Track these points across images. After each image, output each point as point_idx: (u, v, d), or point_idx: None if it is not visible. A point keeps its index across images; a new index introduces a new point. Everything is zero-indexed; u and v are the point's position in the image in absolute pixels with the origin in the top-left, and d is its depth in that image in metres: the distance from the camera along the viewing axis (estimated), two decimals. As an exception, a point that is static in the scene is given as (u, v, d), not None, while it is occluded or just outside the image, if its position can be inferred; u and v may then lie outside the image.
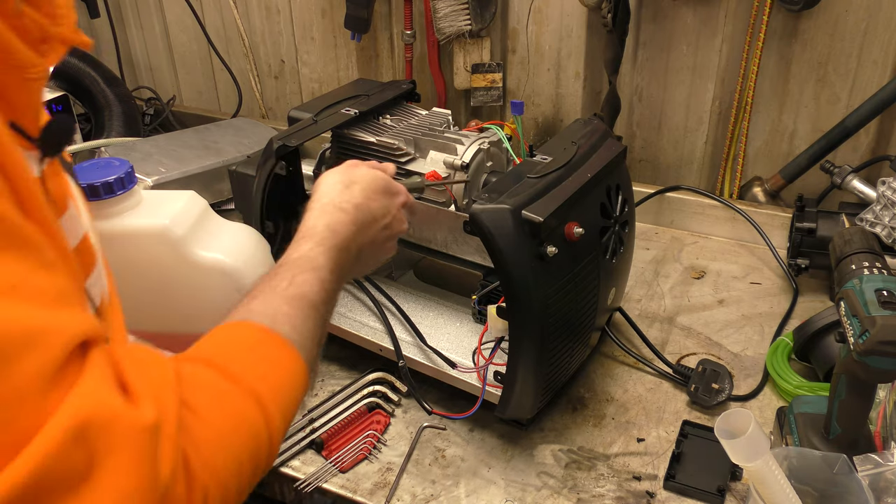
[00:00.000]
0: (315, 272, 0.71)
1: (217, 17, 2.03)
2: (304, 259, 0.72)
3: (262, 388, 0.58)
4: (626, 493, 0.97)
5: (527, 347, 0.94)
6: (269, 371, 0.60)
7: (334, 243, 0.76)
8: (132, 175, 1.05)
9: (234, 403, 0.56)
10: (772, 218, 1.46)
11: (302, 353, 0.64)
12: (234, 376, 0.57)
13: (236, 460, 0.54)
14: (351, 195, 0.83)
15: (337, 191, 0.83)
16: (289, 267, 0.71)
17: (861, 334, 0.81)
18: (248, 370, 0.58)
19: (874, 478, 0.81)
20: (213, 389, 0.55)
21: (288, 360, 0.62)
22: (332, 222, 0.78)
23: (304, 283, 0.69)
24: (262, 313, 0.64)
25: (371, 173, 0.87)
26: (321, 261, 0.73)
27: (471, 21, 1.60)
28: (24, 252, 0.44)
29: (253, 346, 0.61)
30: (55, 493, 0.41)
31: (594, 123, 1.11)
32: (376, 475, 1.01)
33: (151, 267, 1.03)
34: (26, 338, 0.42)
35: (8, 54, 0.50)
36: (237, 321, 0.63)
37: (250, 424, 0.56)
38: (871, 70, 1.40)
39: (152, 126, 1.99)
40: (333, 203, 0.81)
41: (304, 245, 0.74)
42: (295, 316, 0.65)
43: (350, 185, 0.84)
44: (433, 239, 1.12)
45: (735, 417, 0.77)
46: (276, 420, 0.58)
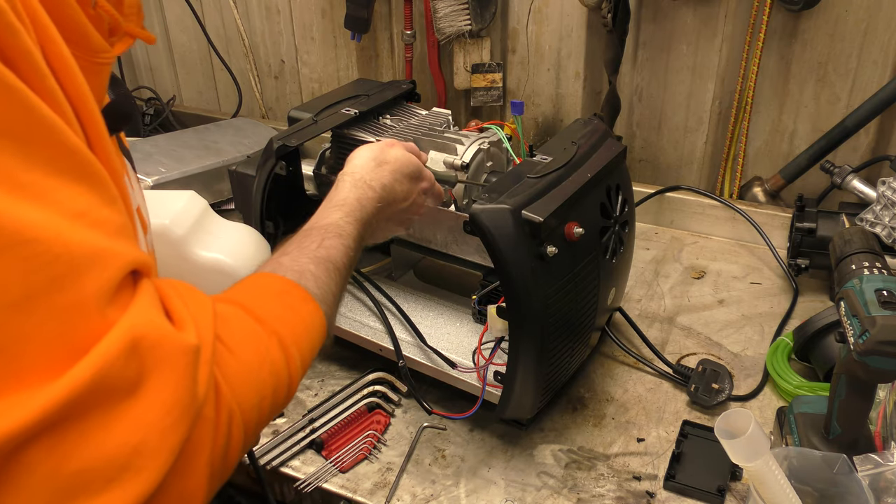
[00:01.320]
0: (342, 239, 0.77)
1: (217, 17, 2.03)
2: (334, 226, 0.79)
3: (285, 332, 0.62)
4: (626, 493, 0.97)
5: (527, 347, 0.94)
6: (292, 318, 0.65)
7: (360, 216, 0.83)
8: (132, 175, 1.05)
9: (260, 342, 0.60)
10: (772, 218, 1.46)
11: (323, 306, 0.68)
12: (262, 319, 0.61)
13: (259, 393, 0.58)
14: (381, 174, 0.89)
15: (370, 168, 0.89)
16: (319, 231, 0.77)
17: (861, 334, 0.81)
18: (274, 315, 0.63)
19: (874, 478, 0.81)
20: (242, 328, 0.60)
21: (310, 311, 0.67)
22: (362, 197, 0.85)
23: (332, 247, 0.75)
24: (291, 268, 0.70)
25: (404, 156, 0.93)
26: (349, 230, 0.80)
27: (471, 21, 1.60)
28: (93, 184, 0.48)
29: (279, 295, 0.66)
30: (109, 399, 0.45)
31: (594, 123, 1.11)
32: (376, 475, 1.01)
33: (151, 267, 1.03)
34: (92, 257, 0.46)
35: (83, 38, 0.55)
36: (267, 272, 0.69)
37: (273, 362, 0.60)
38: (871, 70, 1.40)
39: (152, 126, 1.99)
40: (364, 179, 0.87)
41: (336, 213, 0.81)
42: (320, 275, 0.71)
43: (381, 164, 0.90)
44: (433, 239, 1.12)
45: (735, 417, 0.77)
46: (296, 362, 0.63)
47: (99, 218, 0.47)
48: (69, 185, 0.46)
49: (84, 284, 0.45)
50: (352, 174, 0.88)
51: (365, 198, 0.85)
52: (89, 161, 0.48)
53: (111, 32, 0.60)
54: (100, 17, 0.57)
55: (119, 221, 0.50)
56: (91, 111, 0.51)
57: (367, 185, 0.87)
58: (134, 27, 0.63)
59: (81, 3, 0.54)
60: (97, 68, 0.59)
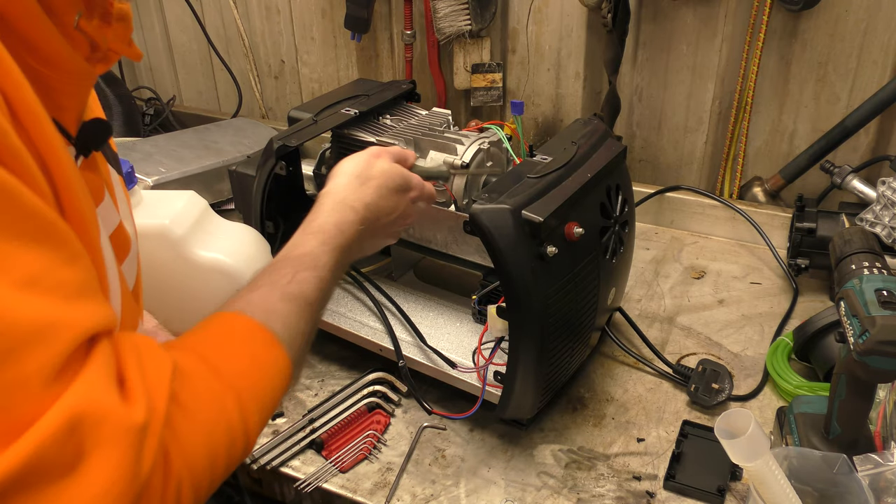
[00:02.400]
0: (316, 271, 0.73)
1: (217, 17, 2.03)
2: (309, 257, 0.75)
3: (245, 386, 0.60)
4: (626, 493, 0.97)
5: (527, 347, 0.94)
6: (255, 370, 0.62)
7: (339, 243, 0.79)
8: (132, 175, 1.05)
9: (217, 399, 0.58)
10: (772, 218, 1.46)
11: (289, 351, 0.66)
12: (221, 373, 0.59)
13: (212, 455, 0.56)
14: (364, 192, 0.85)
15: (352, 187, 0.85)
16: (293, 262, 0.73)
17: (861, 334, 0.81)
18: (236, 367, 0.61)
19: (874, 478, 0.81)
20: (199, 384, 0.57)
21: (274, 358, 0.64)
22: (341, 221, 0.81)
23: (305, 280, 0.71)
24: (259, 307, 0.66)
25: (390, 169, 0.89)
26: (324, 260, 0.75)
27: (471, 21, 1.60)
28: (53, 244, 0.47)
29: (243, 342, 0.64)
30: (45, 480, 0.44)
31: (594, 123, 1.11)
32: (376, 475, 1.01)
33: (151, 267, 1.03)
34: (37, 332, 0.44)
35: (60, 58, 0.54)
36: (234, 313, 0.66)
37: (229, 420, 0.58)
38: (871, 70, 1.40)
39: (152, 126, 1.99)
40: (346, 200, 0.83)
41: (312, 241, 0.77)
42: (289, 313, 0.68)
43: (365, 181, 0.86)
44: (433, 239, 1.12)
45: (735, 417, 0.77)
46: (254, 418, 0.60)
47: (56, 281, 0.46)
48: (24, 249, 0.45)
49: (27, 361, 0.43)
50: (333, 194, 0.84)
51: (345, 221, 0.81)
52: (48, 221, 0.47)
53: (93, 51, 0.59)
54: (80, 38, 0.56)
55: (80, 280, 0.48)
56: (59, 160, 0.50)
57: (348, 207, 0.82)
58: (120, 45, 0.61)
59: (60, 23, 0.53)
60: (75, 89, 0.58)
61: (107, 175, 0.69)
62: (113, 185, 0.71)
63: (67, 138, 0.58)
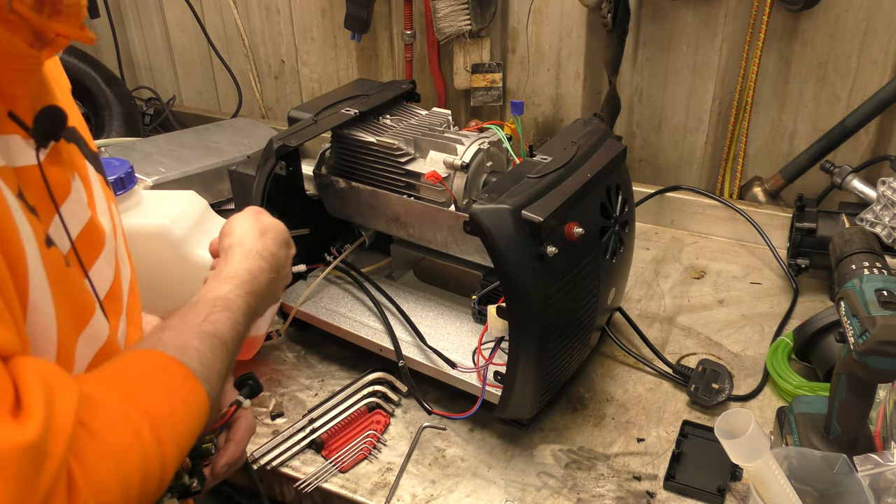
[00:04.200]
0: (230, 312, 0.73)
1: (217, 18, 2.03)
2: (222, 300, 0.74)
3: (160, 414, 0.59)
4: (626, 493, 0.97)
5: (527, 347, 0.94)
6: (170, 399, 0.61)
7: (252, 288, 0.79)
8: (132, 175, 1.05)
9: (129, 426, 0.56)
10: (772, 218, 1.46)
11: (206, 386, 0.65)
12: (134, 400, 0.58)
13: (123, 481, 0.54)
14: (266, 243, 0.85)
15: (255, 238, 0.85)
16: (206, 304, 0.73)
17: (861, 334, 0.81)
18: (150, 396, 0.60)
19: (874, 478, 0.81)
20: (111, 411, 0.56)
21: (191, 390, 0.64)
22: (254, 268, 0.81)
23: (219, 321, 0.71)
24: (173, 344, 0.65)
25: (277, 224, 0.90)
26: (238, 303, 0.75)
27: (471, 21, 1.60)
28: None
29: (158, 373, 0.63)
30: None
31: (594, 123, 1.11)
32: (376, 475, 1.01)
33: (151, 266, 1.03)
34: None
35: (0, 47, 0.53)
36: (146, 350, 0.65)
37: (143, 447, 0.56)
38: (871, 70, 1.40)
39: (152, 126, 1.99)
40: (255, 249, 0.83)
41: (225, 286, 0.77)
42: (204, 350, 0.67)
43: (264, 233, 0.86)
44: (433, 239, 1.12)
45: (735, 417, 0.77)
46: (171, 446, 0.59)
47: None
48: None
49: None
50: (240, 244, 0.83)
51: (257, 268, 0.81)
52: None
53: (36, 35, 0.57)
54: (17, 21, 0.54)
55: None
56: None
57: (258, 256, 0.83)
58: (71, 28, 0.59)
59: None
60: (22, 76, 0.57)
61: (81, 168, 0.68)
62: (89, 178, 0.70)
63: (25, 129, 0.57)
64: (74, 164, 0.68)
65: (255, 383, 0.87)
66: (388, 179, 1.14)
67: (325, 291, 1.25)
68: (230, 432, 0.81)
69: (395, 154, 1.12)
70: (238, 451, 0.80)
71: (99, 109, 1.83)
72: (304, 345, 1.25)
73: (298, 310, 1.21)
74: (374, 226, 1.20)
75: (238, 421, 0.82)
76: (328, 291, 1.25)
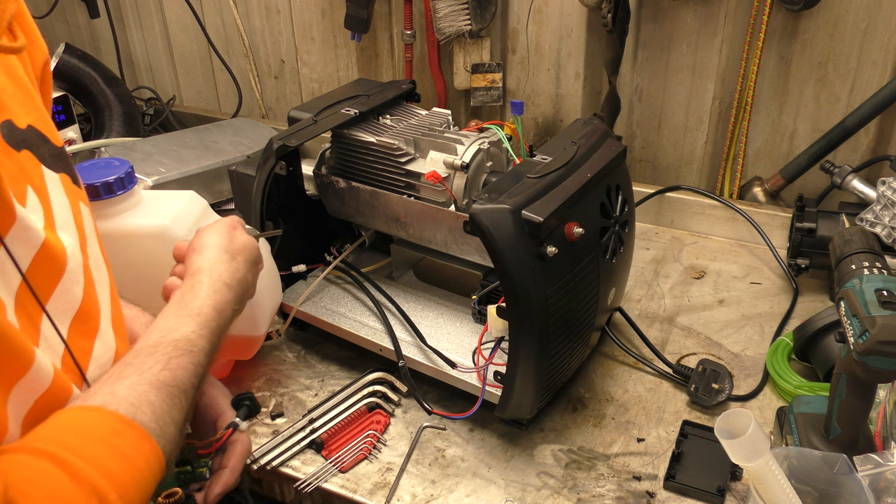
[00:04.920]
0: (192, 356, 0.70)
1: (217, 17, 2.03)
2: (185, 342, 0.71)
3: (109, 485, 0.55)
4: (626, 493, 0.97)
5: (527, 347, 0.94)
6: (121, 466, 0.58)
7: (217, 325, 0.75)
8: (132, 175, 1.05)
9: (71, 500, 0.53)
10: (772, 218, 1.46)
11: (160, 441, 0.62)
12: (78, 473, 0.54)
13: None
14: (235, 268, 0.82)
15: (225, 262, 0.82)
16: (165, 348, 0.69)
17: (861, 334, 0.81)
18: (97, 464, 0.56)
19: (874, 478, 0.81)
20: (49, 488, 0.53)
21: (144, 452, 0.60)
22: (220, 302, 0.77)
23: (179, 367, 0.68)
24: (126, 401, 0.62)
25: (249, 242, 0.87)
26: (201, 344, 0.72)
27: (471, 21, 1.60)
28: None
29: (108, 436, 0.59)
30: None
31: (594, 123, 1.11)
32: (376, 475, 1.01)
33: (151, 267, 1.03)
34: None
35: None
36: (95, 406, 0.61)
37: None
38: (871, 70, 1.40)
39: (152, 126, 1.99)
40: (223, 279, 0.80)
41: (189, 326, 0.73)
42: (160, 403, 0.64)
43: (235, 256, 0.83)
44: (433, 239, 1.12)
45: (735, 417, 0.77)
46: None
47: None
48: None
49: None
50: (209, 273, 0.79)
51: (223, 302, 0.77)
52: None
53: None
54: None
55: None
56: None
57: (225, 286, 0.79)
58: None
59: None
60: None
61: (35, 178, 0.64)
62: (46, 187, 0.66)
63: None
64: (27, 175, 0.63)
65: (253, 403, 0.85)
66: (388, 179, 1.14)
67: (325, 291, 1.25)
68: (225, 457, 0.80)
69: (395, 154, 1.12)
70: (233, 479, 0.78)
71: (99, 109, 1.83)
72: (304, 345, 1.25)
73: (298, 310, 1.21)
74: (374, 226, 1.20)
75: (234, 445, 0.81)
76: (328, 291, 1.25)
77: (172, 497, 0.73)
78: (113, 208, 1.03)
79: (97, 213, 1.04)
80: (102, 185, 1.00)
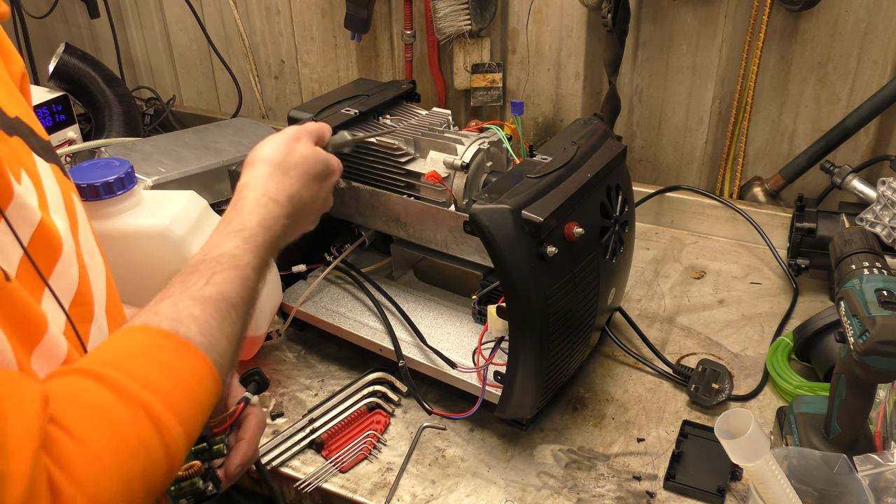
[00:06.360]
0: (238, 270, 0.68)
1: (217, 18, 2.03)
2: (228, 256, 0.68)
3: (157, 399, 0.54)
4: (626, 493, 0.97)
5: (527, 347, 0.94)
6: (167, 380, 0.57)
7: (264, 240, 0.73)
8: (132, 175, 1.05)
9: (118, 419, 0.52)
10: (772, 218, 1.46)
11: (211, 355, 0.60)
12: (123, 389, 0.53)
13: (122, 476, 0.51)
14: (287, 184, 0.79)
15: (275, 179, 0.79)
16: (208, 264, 0.67)
17: (861, 334, 0.81)
18: (142, 380, 0.55)
19: (874, 478, 0.81)
20: (93, 405, 0.52)
21: (193, 364, 0.59)
22: (266, 217, 0.75)
23: (224, 281, 0.66)
24: (168, 316, 0.60)
25: (311, 155, 0.84)
26: (247, 259, 0.69)
27: (471, 21, 1.60)
28: None
29: (152, 353, 0.58)
30: None
31: (594, 123, 1.11)
32: (376, 475, 1.01)
33: (151, 267, 1.03)
34: None
35: None
36: (138, 326, 0.60)
37: (139, 438, 0.52)
38: (871, 70, 1.40)
39: (152, 126, 1.99)
40: (269, 194, 0.77)
41: (233, 240, 0.70)
42: (207, 317, 0.62)
43: (287, 172, 0.80)
44: (433, 239, 1.12)
45: (735, 417, 0.77)
46: (174, 431, 0.55)
47: None
48: None
49: None
50: (254, 189, 0.77)
51: (270, 217, 0.75)
52: None
53: None
54: None
55: None
56: None
57: (272, 201, 0.76)
58: None
59: None
60: None
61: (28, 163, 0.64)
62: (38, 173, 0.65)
63: None
64: (20, 159, 0.63)
65: (262, 378, 0.86)
66: (388, 179, 1.14)
67: (325, 291, 1.25)
68: (241, 431, 0.80)
69: (395, 154, 1.12)
70: (251, 450, 0.79)
71: (99, 109, 1.82)
72: (304, 345, 1.25)
73: (298, 310, 1.21)
74: (374, 226, 1.20)
75: (248, 418, 0.81)
76: (328, 291, 1.25)
77: (191, 469, 0.74)
78: (113, 208, 1.03)
79: (97, 213, 1.04)
80: (102, 185, 1.00)
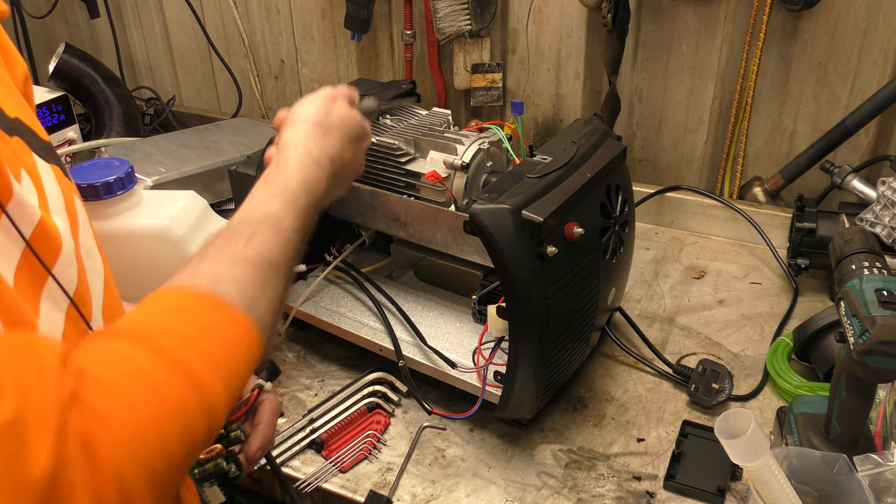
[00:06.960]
0: (279, 232, 0.67)
1: (217, 17, 2.03)
2: (269, 219, 0.68)
3: (195, 359, 0.53)
4: (626, 493, 0.97)
5: (527, 347, 0.94)
6: (206, 339, 0.56)
7: (306, 202, 0.72)
8: (132, 175, 1.05)
9: (156, 378, 0.51)
10: (772, 218, 1.46)
11: (252, 314, 0.59)
12: (161, 349, 0.53)
13: (161, 438, 0.50)
14: (328, 144, 0.78)
15: (316, 138, 0.78)
16: (248, 225, 0.66)
17: (861, 334, 0.81)
18: (180, 341, 0.54)
19: (874, 478, 0.81)
20: (129, 365, 0.51)
21: (231, 324, 0.58)
22: (308, 179, 0.74)
23: (264, 242, 0.65)
24: (205, 275, 0.60)
25: (349, 115, 0.83)
26: (288, 221, 0.69)
27: (471, 21, 1.60)
28: None
29: (190, 313, 0.57)
30: None
31: (594, 123, 1.11)
32: (376, 475, 1.01)
33: (151, 267, 1.03)
34: None
35: None
36: (176, 286, 0.59)
37: (177, 399, 0.51)
38: (871, 70, 1.40)
39: (152, 126, 1.99)
40: (312, 155, 0.76)
41: (274, 202, 0.70)
42: (246, 278, 0.61)
43: (328, 132, 0.80)
44: (433, 239, 1.12)
45: (735, 417, 0.77)
46: (214, 390, 0.54)
47: None
48: None
49: None
50: (295, 148, 0.76)
51: (312, 179, 0.73)
52: None
53: None
54: None
55: None
56: None
57: (314, 163, 0.75)
58: None
59: None
60: None
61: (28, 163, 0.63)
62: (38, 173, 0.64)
63: None
64: (20, 158, 0.62)
65: (273, 366, 0.88)
66: (388, 179, 1.14)
67: (325, 291, 1.25)
68: (257, 416, 0.82)
69: (395, 154, 1.12)
70: (269, 433, 0.81)
71: (99, 109, 1.83)
72: (304, 345, 1.25)
73: (298, 310, 1.21)
74: (374, 226, 1.20)
75: (262, 404, 0.83)
76: (328, 291, 1.25)
77: (213, 451, 0.76)
78: (113, 208, 1.03)
79: (97, 213, 1.04)
80: (102, 185, 1.01)
